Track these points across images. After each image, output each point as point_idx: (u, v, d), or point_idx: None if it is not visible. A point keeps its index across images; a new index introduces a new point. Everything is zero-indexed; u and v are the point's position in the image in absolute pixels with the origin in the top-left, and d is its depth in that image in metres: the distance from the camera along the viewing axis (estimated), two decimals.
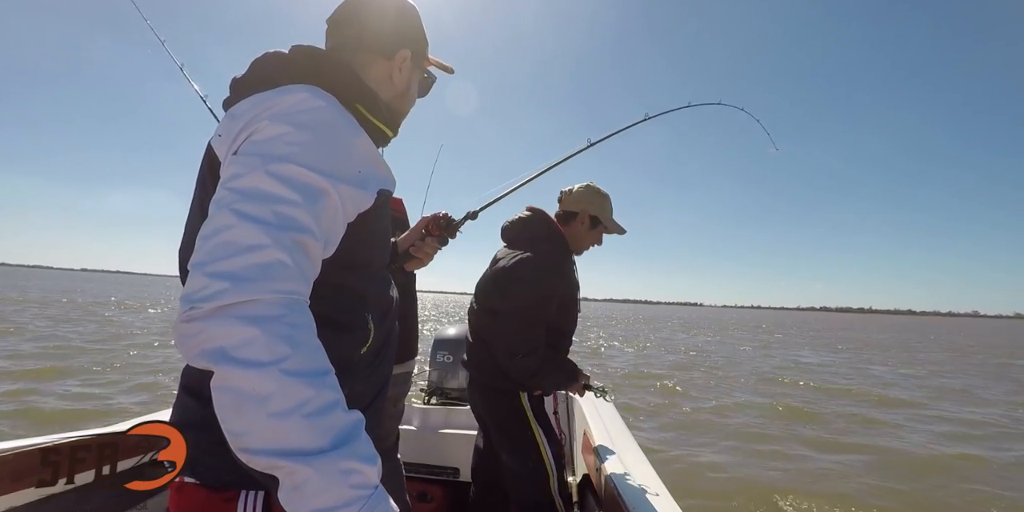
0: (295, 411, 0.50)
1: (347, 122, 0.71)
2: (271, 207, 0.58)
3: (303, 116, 0.65)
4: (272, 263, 0.55)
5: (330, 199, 0.64)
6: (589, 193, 1.85)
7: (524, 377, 1.68)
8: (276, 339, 0.52)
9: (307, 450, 0.50)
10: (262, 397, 0.49)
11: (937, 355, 19.29)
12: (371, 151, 0.75)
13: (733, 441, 5.80)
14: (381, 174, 0.77)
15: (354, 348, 0.76)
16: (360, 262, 0.77)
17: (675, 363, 12.80)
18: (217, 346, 0.51)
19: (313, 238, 0.60)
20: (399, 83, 0.88)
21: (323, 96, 0.70)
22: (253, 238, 0.55)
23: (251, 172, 0.60)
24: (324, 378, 0.54)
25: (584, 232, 1.85)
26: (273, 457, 0.49)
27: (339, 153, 0.67)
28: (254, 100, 0.67)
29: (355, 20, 0.86)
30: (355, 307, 0.77)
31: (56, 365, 7.83)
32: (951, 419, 7.45)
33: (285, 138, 0.63)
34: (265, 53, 0.77)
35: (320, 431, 0.51)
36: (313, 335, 0.57)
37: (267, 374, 0.50)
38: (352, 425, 0.55)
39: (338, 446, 0.51)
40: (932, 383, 11.16)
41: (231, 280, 0.53)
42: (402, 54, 0.86)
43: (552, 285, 1.68)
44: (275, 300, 0.54)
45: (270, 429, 0.49)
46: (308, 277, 0.60)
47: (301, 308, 0.56)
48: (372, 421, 0.86)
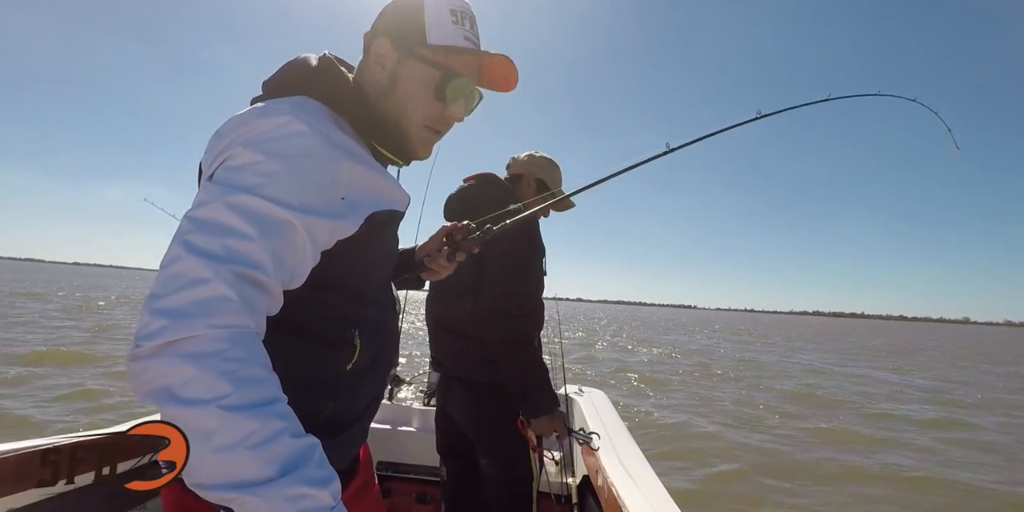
0: (238, 444, 0.50)
1: (328, 147, 0.68)
2: (222, 241, 0.57)
3: (277, 144, 0.64)
4: (214, 298, 0.55)
5: (294, 232, 0.63)
6: (535, 158, 1.75)
7: (512, 344, 1.41)
8: (215, 375, 0.51)
9: (253, 481, 0.50)
10: (206, 434, 0.50)
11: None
12: (362, 174, 0.72)
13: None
14: (376, 197, 0.75)
15: (339, 363, 0.75)
16: (345, 283, 0.76)
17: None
18: (161, 385, 0.52)
19: (263, 273, 0.59)
20: (380, 78, 0.77)
21: (308, 118, 0.67)
22: (197, 272, 0.55)
23: (212, 202, 0.60)
24: (269, 407, 0.54)
25: (531, 197, 1.69)
26: (223, 490, 0.50)
27: (312, 183, 0.65)
28: (236, 120, 0.66)
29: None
30: (339, 324, 0.76)
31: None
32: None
33: (254, 168, 0.62)
34: (296, 57, 0.77)
35: (265, 461, 0.51)
36: (258, 366, 0.56)
37: (208, 411, 0.50)
38: (302, 450, 0.54)
39: (286, 473, 0.51)
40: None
41: (171, 317, 0.53)
42: (379, 44, 0.76)
43: (535, 235, 1.51)
44: (215, 335, 0.53)
45: (217, 464, 0.50)
46: (259, 309, 0.59)
47: (245, 340, 0.56)
48: (360, 432, 0.86)
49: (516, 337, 1.43)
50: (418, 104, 0.77)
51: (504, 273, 1.46)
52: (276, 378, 0.57)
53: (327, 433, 0.76)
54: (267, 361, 0.58)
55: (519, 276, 1.46)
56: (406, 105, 0.77)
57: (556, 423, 1.47)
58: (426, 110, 0.78)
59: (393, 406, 2.33)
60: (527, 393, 1.44)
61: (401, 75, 0.76)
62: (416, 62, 0.76)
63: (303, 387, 0.71)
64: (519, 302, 1.44)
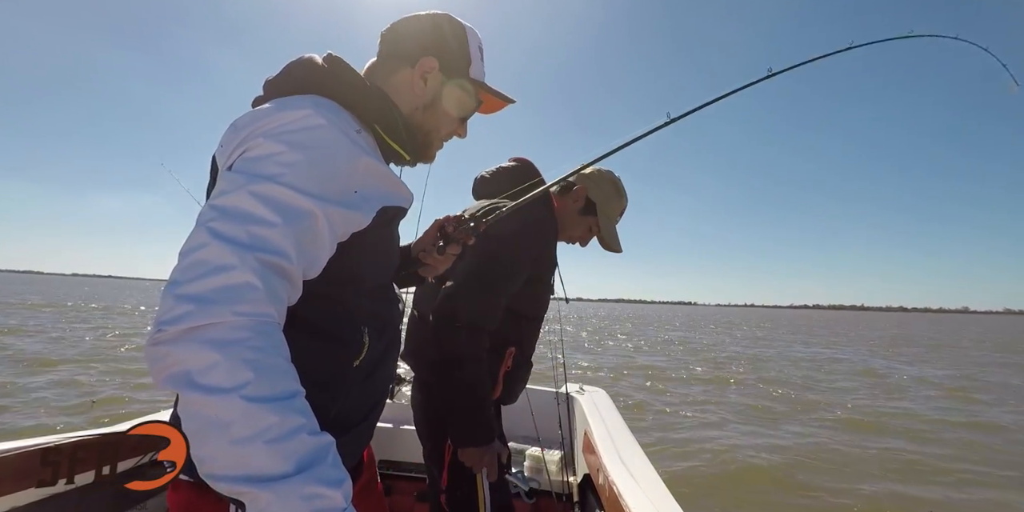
0: (257, 437, 0.50)
1: (348, 142, 0.70)
2: (246, 227, 0.58)
3: (299, 135, 0.65)
4: (239, 285, 0.55)
5: (315, 220, 0.63)
6: (601, 176, 1.49)
7: (448, 358, 1.24)
8: (239, 363, 0.51)
9: (269, 476, 0.50)
10: (224, 423, 0.49)
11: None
12: (376, 170, 0.74)
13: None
14: (387, 192, 0.76)
15: (347, 360, 0.76)
16: (357, 277, 0.77)
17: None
18: (182, 370, 0.51)
19: (287, 260, 0.60)
20: (420, 93, 0.85)
21: (327, 113, 0.69)
22: (222, 259, 0.55)
23: (236, 190, 0.60)
24: (290, 402, 0.54)
25: (572, 214, 1.48)
26: (236, 483, 0.49)
27: (333, 174, 0.66)
28: (255, 113, 0.67)
29: (393, 30, 0.87)
30: (349, 320, 0.76)
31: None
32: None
33: (276, 158, 0.62)
34: (300, 57, 0.78)
35: (283, 456, 0.51)
36: (280, 357, 0.56)
37: (229, 400, 0.50)
38: (318, 448, 0.54)
39: (302, 470, 0.51)
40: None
41: (196, 302, 0.52)
42: (426, 62, 0.84)
43: (529, 245, 1.32)
44: (239, 323, 0.53)
45: (233, 456, 0.50)
46: (281, 298, 0.60)
47: (268, 330, 0.56)
48: (367, 430, 0.86)
49: (453, 351, 1.23)
50: (448, 122, 0.90)
51: (467, 274, 1.27)
52: (295, 371, 0.57)
53: (337, 430, 0.77)
54: (288, 352, 0.58)
55: (482, 283, 1.26)
56: (441, 120, 0.89)
57: (486, 458, 1.24)
58: (451, 127, 0.91)
59: (394, 405, 2.33)
60: (452, 418, 1.27)
61: (444, 95, 0.87)
62: (457, 88, 0.88)
63: (313, 384, 0.72)
64: (469, 311, 1.24)
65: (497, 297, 1.28)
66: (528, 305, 1.42)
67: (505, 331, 1.35)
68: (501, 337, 1.35)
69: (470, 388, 1.24)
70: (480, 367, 1.25)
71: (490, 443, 1.25)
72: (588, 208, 1.48)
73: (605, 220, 1.48)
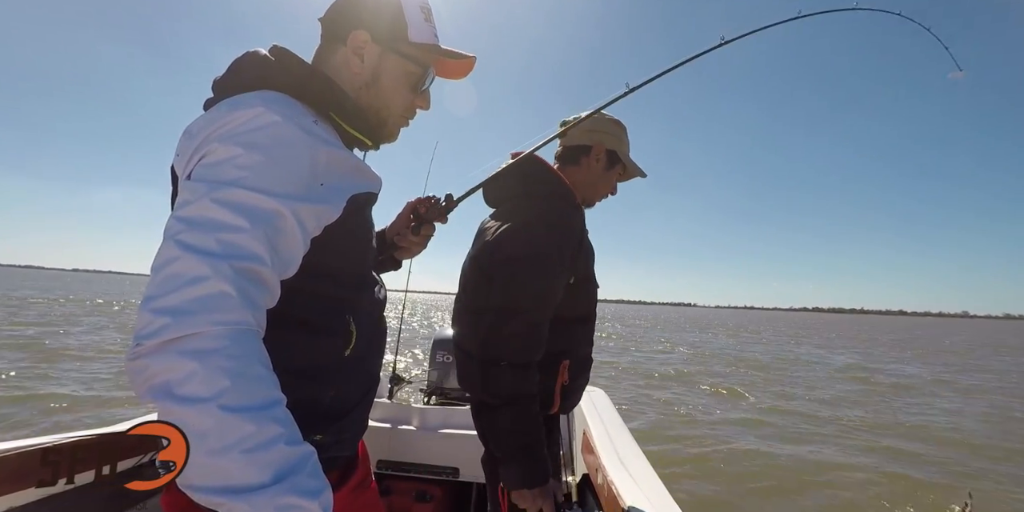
0: (233, 447, 0.49)
1: (304, 135, 0.68)
2: (215, 235, 0.57)
3: (253, 135, 0.64)
4: (214, 294, 0.54)
5: (284, 220, 0.62)
6: (603, 121, 1.35)
7: (491, 397, 1.15)
8: (216, 372, 0.51)
9: (245, 486, 0.49)
10: (201, 434, 0.49)
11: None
12: (339, 159, 0.73)
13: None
14: (353, 180, 0.75)
15: (337, 350, 0.76)
16: (337, 269, 0.76)
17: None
18: (161, 381, 0.51)
19: (261, 264, 0.59)
20: (359, 70, 0.80)
21: (280, 108, 0.68)
22: (195, 270, 0.54)
23: (198, 199, 0.59)
24: (268, 411, 0.53)
25: (599, 174, 1.36)
26: (214, 495, 0.49)
27: (294, 170, 0.65)
28: (207, 117, 0.66)
29: (328, 11, 0.83)
30: (334, 311, 0.76)
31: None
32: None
33: (234, 161, 0.62)
34: (245, 53, 0.76)
35: (259, 467, 0.50)
36: (259, 365, 0.55)
37: (206, 410, 0.49)
38: (297, 459, 0.53)
39: (279, 480, 0.51)
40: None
41: (172, 315, 0.52)
42: (356, 36, 0.79)
43: (557, 253, 1.20)
44: (217, 332, 0.53)
45: (209, 466, 0.49)
46: (258, 304, 0.59)
47: (246, 338, 0.55)
48: (360, 419, 0.87)
49: (500, 393, 1.14)
50: (397, 96, 0.83)
51: (498, 311, 1.16)
52: (275, 378, 0.57)
53: (330, 419, 0.77)
54: (267, 360, 0.57)
55: (517, 316, 1.14)
56: (389, 96, 0.82)
57: (540, 500, 1.16)
58: (403, 102, 0.84)
59: (393, 405, 2.33)
60: (503, 459, 1.19)
61: (384, 68, 0.81)
62: (398, 57, 0.81)
63: (304, 376, 0.72)
64: (512, 351, 1.14)
65: (536, 326, 1.17)
66: (573, 307, 1.29)
67: (555, 343, 1.24)
68: (551, 350, 1.23)
69: (521, 429, 1.16)
70: (531, 406, 1.17)
71: (544, 484, 1.17)
72: (611, 159, 1.37)
73: (630, 162, 1.39)
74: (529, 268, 1.18)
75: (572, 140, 1.36)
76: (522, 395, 1.15)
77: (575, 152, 1.36)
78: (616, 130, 1.37)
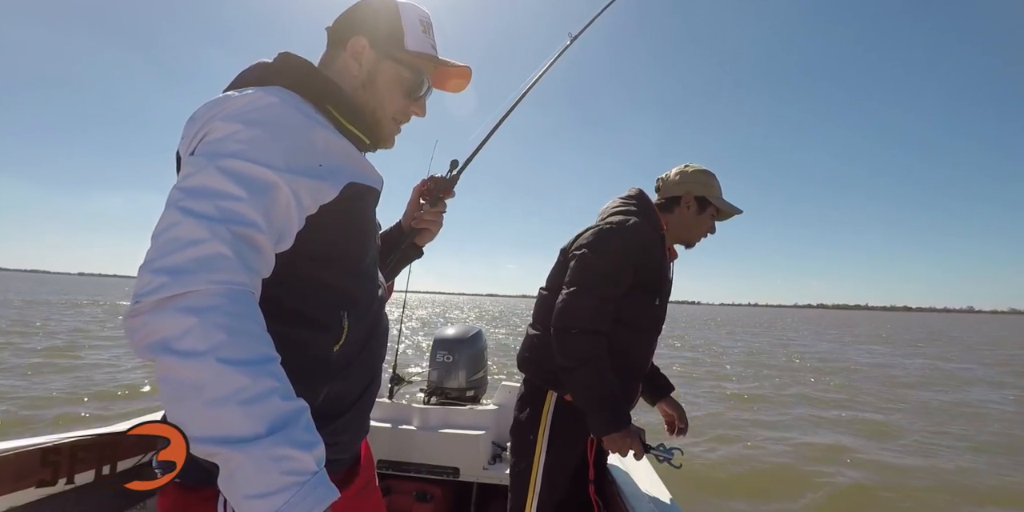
0: (229, 398, 0.51)
1: (304, 117, 0.72)
2: (214, 202, 0.59)
3: (253, 113, 0.67)
4: (212, 255, 0.56)
5: (280, 192, 0.65)
6: (689, 173, 1.61)
7: (568, 360, 1.37)
8: (213, 328, 0.53)
9: (240, 437, 0.51)
10: (198, 385, 0.51)
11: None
12: (339, 147, 0.76)
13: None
14: (353, 169, 0.77)
15: (327, 346, 0.76)
16: (333, 256, 0.77)
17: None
18: (159, 337, 0.52)
19: (258, 230, 0.61)
20: (356, 73, 0.85)
21: (278, 93, 0.72)
22: (194, 233, 0.57)
23: (200, 171, 0.62)
24: (264, 366, 0.55)
25: (692, 218, 1.59)
26: (210, 444, 0.50)
27: (292, 146, 0.68)
28: (210, 103, 0.69)
29: (336, 21, 0.88)
30: (329, 303, 0.76)
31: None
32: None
33: (235, 136, 0.64)
34: (256, 62, 0.79)
35: (255, 418, 0.52)
36: (255, 323, 0.57)
37: (203, 363, 0.51)
38: (292, 412, 0.55)
39: (273, 432, 0.52)
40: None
41: (171, 274, 0.54)
42: (355, 42, 0.84)
43: (622, 248, 1.43)
44: (214, 291, 0.55)
45: (206, 417, 0.51)
46: (254, 268, 0.61)
47: (242, 298, 0.57)
48: (358, 421, 0.85)
49: (576, 355, 1.37)
50: (391, 99, 0.87)
51: (568, 284, 1.44)
52: (270, 338, 0.58)
53: (326, 418, 0.76)
54: (263, 321, 0.59)
55: (582, 288, 1.41)
56: (383, 97, 0.86)
57: (627, 440, 1.36)
58: (396, 105, 0.88)
59: (393, 405, 2.33)
60: (589, 412, 1.38)
61: (380, 71, 0.85)
62: (393, 63, 0.86)
63: (294, 372, 0.72)
64: (579, 319, 1.38)
65: (600, 299, 1.40)
66: (631, 315, 1.47)
67: (611, 341, 1.42)
68: (609, 347, 1.41)
69: (599, 382, 1.36)
70: (603, 363, 1.37)
71: (628, 426, 1.36)
72: (701, 205, 1.59)
73: (721, 202, 1.60)
74: (597, 254, 1.43)
75: (666, 192, 1.62)
76: (593, 357, 1.36)
77: (670, 202, 1.61)
78: (703, 178, 1.60)
